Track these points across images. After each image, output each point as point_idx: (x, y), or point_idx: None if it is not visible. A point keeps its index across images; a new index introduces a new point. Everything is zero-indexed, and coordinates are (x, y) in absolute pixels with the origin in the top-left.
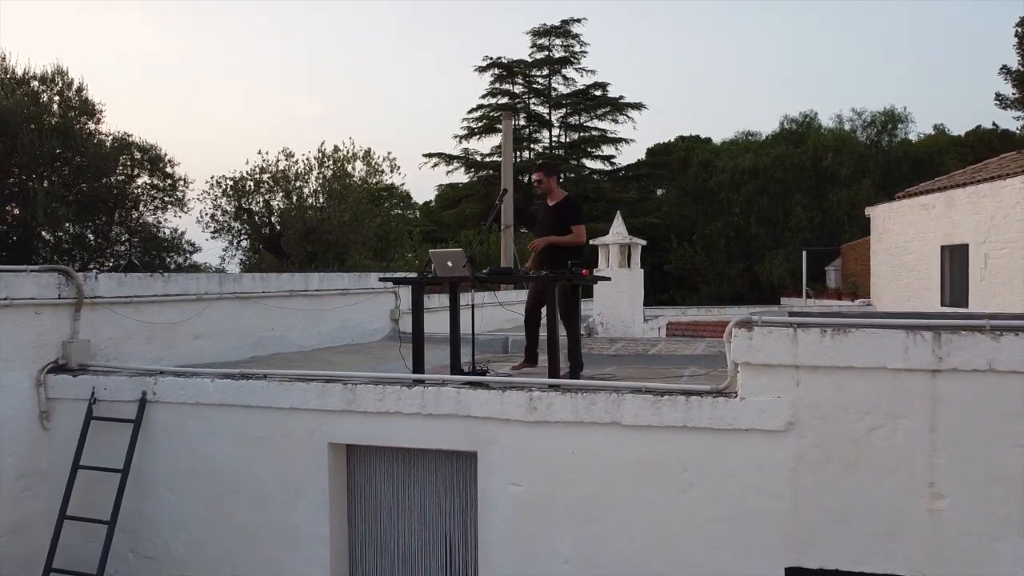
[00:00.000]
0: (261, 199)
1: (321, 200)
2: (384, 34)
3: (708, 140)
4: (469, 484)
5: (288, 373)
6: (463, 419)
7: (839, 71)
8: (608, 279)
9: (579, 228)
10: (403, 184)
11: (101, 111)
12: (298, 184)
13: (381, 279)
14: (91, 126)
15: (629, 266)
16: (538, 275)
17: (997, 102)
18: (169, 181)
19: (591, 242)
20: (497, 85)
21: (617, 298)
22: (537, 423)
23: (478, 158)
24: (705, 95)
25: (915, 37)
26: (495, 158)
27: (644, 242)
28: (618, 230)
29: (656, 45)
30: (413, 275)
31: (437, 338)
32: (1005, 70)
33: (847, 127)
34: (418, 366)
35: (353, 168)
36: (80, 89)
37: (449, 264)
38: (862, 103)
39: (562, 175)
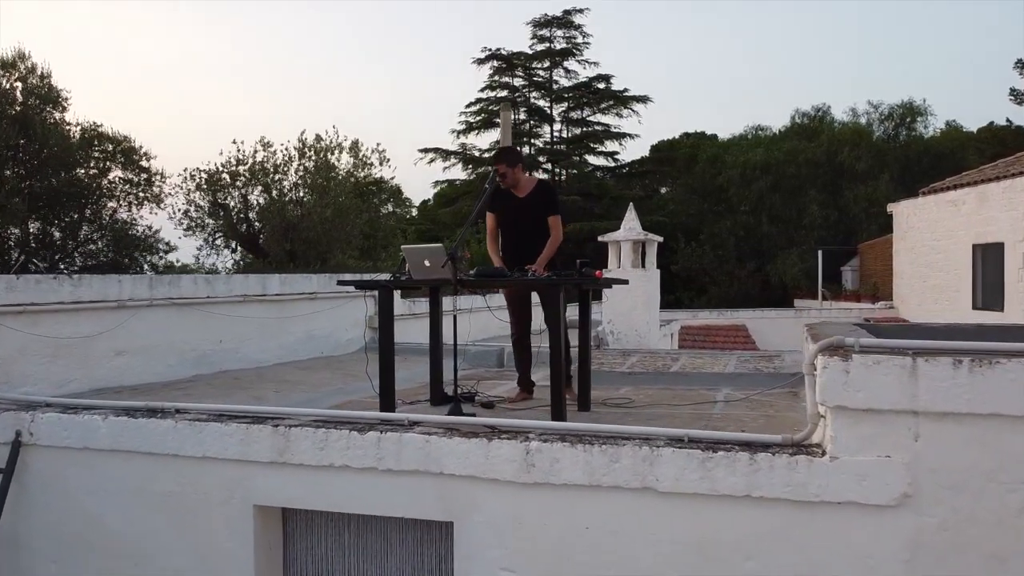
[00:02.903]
0: (237, 193)
1: (301, 194)
2: (377, 25)
3: (714, 137)
4: (443, 565)
5: (204, 409)
6: (434, 477)
7: (844, 67)
8: (625, 282)
9: (556, 220)
10: (393, 178)
11: (67, 99)
12: (277, 177)
13: (340, 282)
14: (56, 115)
15: (643, 266)
16: (537, 278)
17: (1012, 97)
18: (144, 175)
19: (599, 239)
20: (496, 78)
21: (631, 303)
22: (536, 485)
23: (476, 153)
24: (710, 90)
25: (924, 32)
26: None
27: (660, 239)
28: (631, 225)
29: (658, 38)
30: (382, 277)
31: (423, 349)
32: (1020, 64)
33: (863, 120)
34: (386, 393)
35: (338, 160)
36: (44, 76)
37: (426, 263)
38: (870, 99)
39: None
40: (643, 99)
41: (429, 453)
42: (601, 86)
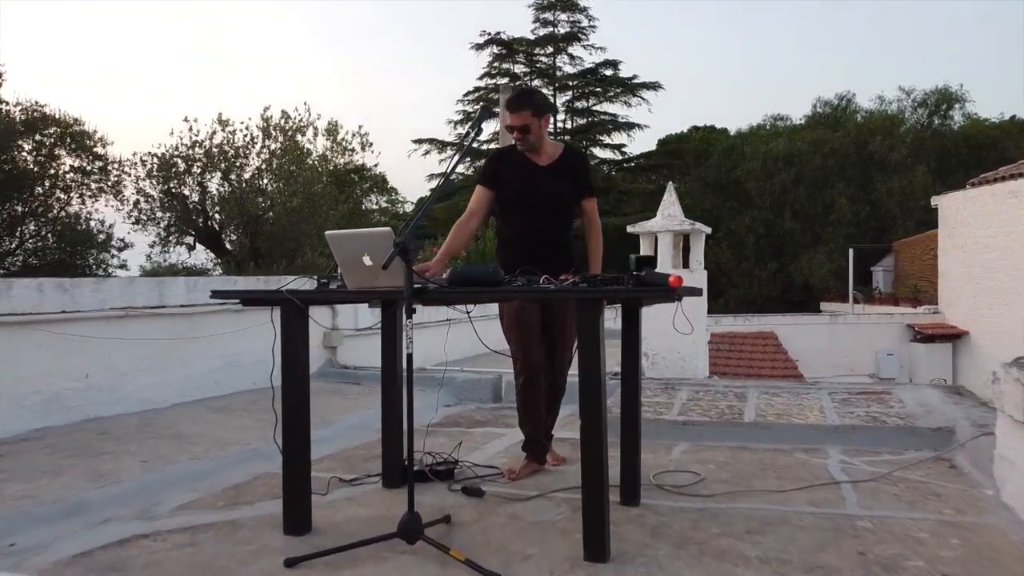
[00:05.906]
0: (193, 180)
1: (265, 181)
2: (369, 11)
3: (724, 131)
4: None
5: None
6: None
7: (847, 62)
8: (700, 292)
9: (593, 204)
10: (376, 165)
11: (1, 74)
12: (237, 162)
13: (214, 294)
14: None
15: (688, 265)
16: (564, 288)
17: None
18: (99, 163)
19: (628, 230)
20: (496, 64)
21: (671, 317)
22: None
23: (475, 144)
24: (718, 82)
25: (932, 27)
26: (493, 145)
27: (708, 229)
28: (671, 211)
29: (664, 26)
30: (299, 283)
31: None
32: None
33: (893, 108)
34: (295, 502)
35: (311, 142)
36: None
37: (366, 261)
38: (901, 84)
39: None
40: (654, 86)
41: None
42: (608, 72)
